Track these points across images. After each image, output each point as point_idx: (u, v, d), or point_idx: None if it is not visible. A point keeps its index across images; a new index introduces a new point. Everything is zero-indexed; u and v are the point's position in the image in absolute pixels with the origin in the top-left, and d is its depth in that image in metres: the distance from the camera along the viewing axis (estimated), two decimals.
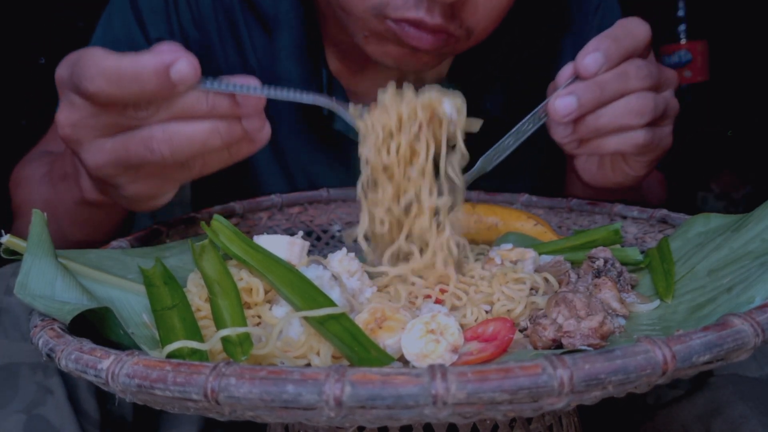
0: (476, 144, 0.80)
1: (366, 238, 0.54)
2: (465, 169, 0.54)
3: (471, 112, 0.77)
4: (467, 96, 0.78)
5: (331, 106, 0.52)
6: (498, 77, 0.80)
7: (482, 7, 0.61)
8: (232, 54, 0.80)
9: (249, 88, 0.46)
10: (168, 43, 0.46)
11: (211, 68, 0.79)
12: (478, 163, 0.57)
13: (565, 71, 0.56)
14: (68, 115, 0.47)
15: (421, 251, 0.53)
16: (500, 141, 0.57)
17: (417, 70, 0.69)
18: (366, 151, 0.51)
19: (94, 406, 0.55)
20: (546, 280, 0.53)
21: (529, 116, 0.56)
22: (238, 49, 0.79)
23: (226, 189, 0.80)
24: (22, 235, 0.46)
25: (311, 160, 0.84)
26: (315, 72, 0.77)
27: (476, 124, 0.54)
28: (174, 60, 0.43)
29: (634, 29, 0.56)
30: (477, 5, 0.60)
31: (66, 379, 0.53)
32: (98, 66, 0.43)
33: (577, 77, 0.54)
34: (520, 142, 0.57)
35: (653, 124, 0.57)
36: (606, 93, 0.53)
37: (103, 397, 0.55)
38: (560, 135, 0.55)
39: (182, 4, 0.79)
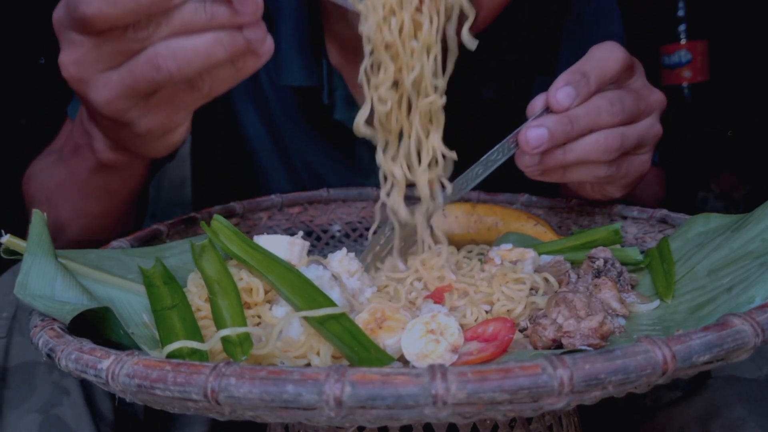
0: (471, 132, 0.80)
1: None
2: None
3: (467, 98, 0.78)
4: (463, 82, 0.78)
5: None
6: (493, 63, 0.80)
7: None
8: None
9: None
10: None
11: None
12: (448, 189, 0.56)
13: (537, 102, 0.56)
14: (70, 53, 0.46)
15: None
16: (470, 169, 0.57)
17: None
18: (367, 28, 0.49)
19: (109, 406, 0.55)
20: (546, 280, 0.53)
21: (498, 146, 0.57)
22: None
23: (228, 188, 0.80)
24: None
25: (313, 152, 0.84)
26: (316, 63, 0.77)
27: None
28: None
29: (606, 59, 0.56)
30: None
31: (82, 379, 0.53)
32: None
33: (547, 109, 0.55)
34: (489, 172, 0.57)
35: (622, 155, 0.57)
36: (576, 128, 0.54)
37: (116, 397, 0.55)
38: (525, 164, 0.56)
39: None
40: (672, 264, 0.53)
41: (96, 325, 0.42)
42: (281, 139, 0.84)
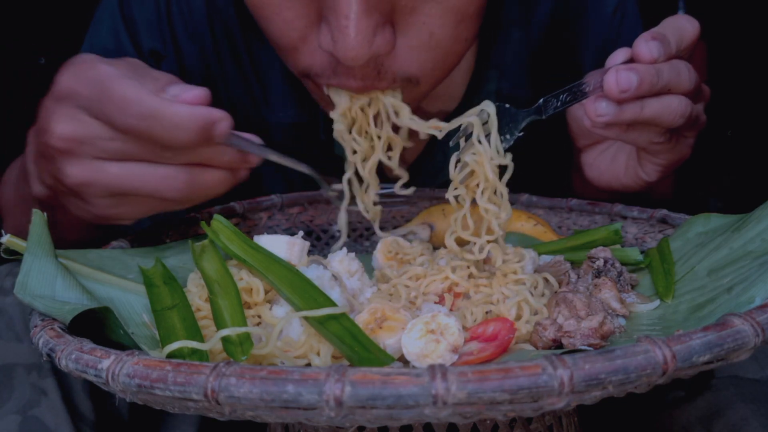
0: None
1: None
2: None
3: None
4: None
5: (314, 176, 0.59)
6: (518, 96, 0.78)
7: (416, 56, 0.58)
8: (228, 65, 0.79)
9: (256, 148, 0.52)
10: (198, 90, 0.48)
11: (207, 79, 0.78)
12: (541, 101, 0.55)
13: (618, 54, 0.55)
14: (72, 129, 0.47)
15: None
16: (553, 94, 0.56)
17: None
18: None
19: (89, 407, 0.55)
20: (546, 280, 0.53)
21: (568, 87, 0.55)
22: (235, 59, 0.79)
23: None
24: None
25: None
26: (309, 98, 0.74)
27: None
28: (220, 117, 0.46)
29: (684, 27, 0.55)
30: (409, 58, 0.57)
31: (61, 380, 0.53)
32: (142, 108, 0.44)
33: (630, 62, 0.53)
34: (577, 101, 0.55)
35: (680, 130, 0.57)
36: (660, 82, 0.52)
37: (98, 397, 0.55)
38: (600, 111, 0.53)
39: (176, 17, 0.78)
40: (672, 264, 0.53)
41: (96, 325, 0.42)
42: (284, 171, 0.83)
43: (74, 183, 0.48)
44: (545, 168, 0.89)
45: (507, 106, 0.56)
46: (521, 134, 0.56)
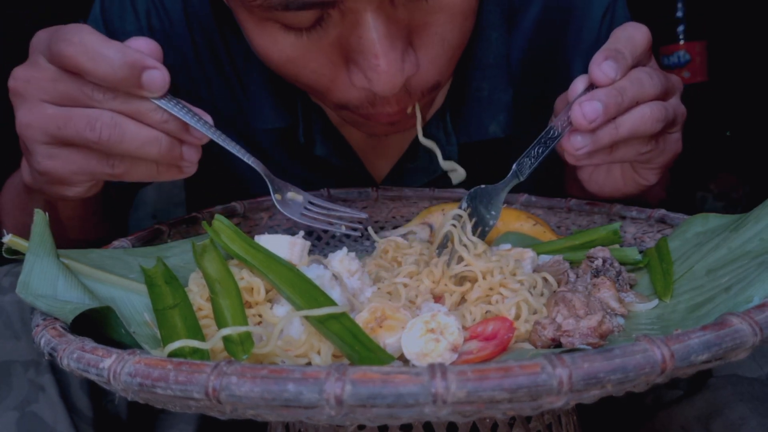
0: (484, 166, 0.80)
1: None
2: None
3: (474, 137, 0.77)
4: (469, 121, 0.78)
5: (265, 174, 0.57)
6: (499, 98, 0.79)
7: (437, 65, 0.60)
8: (211, 72, 0.79)
9: (201, 123, 0.50)
10: (145, 40, 0.49)
11: (187, 83, 0.79)
12: (513, 167, 0.57)
13: (578, 84, 0.55)
14: (26, 71, 0.49)
15: None
16: (530, 146, 0.57)
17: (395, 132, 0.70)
18: None
19: (87, 403, 0.55)
20: (545, 279, 0.53)
21: (546, 129, 0.56)
22: (217, 67, 0.79)
23: (218, 190, 0.80)
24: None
25: (301, 178, 0.83)
26: (288, 102, 0.76)
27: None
28: (151, 66, 0.47)
29: (634, 36, 0.55)
30: (431, 70, 0.60)
31: (58, 376, 0.54)
32: (82, 37, 0.46)
33: (590, 88, 0.54)
34: (549, 151, 0.56)
35: (661, 132, 0.57)
36: (626, 99, 0.53)
37: (96, 395, 0.56)
38: (577, 145, 0.54)
39: (157, 30, 0.78)
40: (671, 264, 0.53)
41: (98, 325, 0.42)
42: (269, 166, 0.83)
43: (20, 123, 0.50)
44: (544, 168, 0.89)
45: (483, 186, 0.58)
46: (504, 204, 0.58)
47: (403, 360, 0.42)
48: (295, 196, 0.59)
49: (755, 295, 0.42)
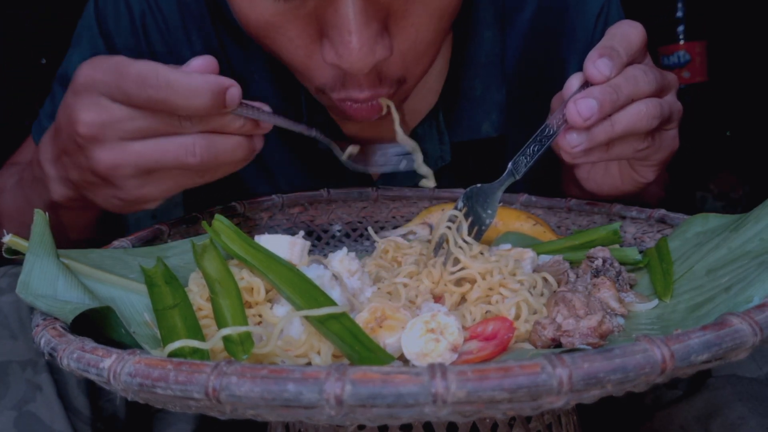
0: (477, 165, 0.79)
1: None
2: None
3: (467, 136, 0.77)
4: (461, 121, 0.78)
5: (323, 140, 0.60)
6: (492, 97, 0.79)
7: (406, 58, 0.60)
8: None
9: (267, 115, 0.54)
10: (204, 58, 0.51)
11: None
12: (509, 165, 0.57)
13: (572, 82, 0.55)
14: (94, 115, 0.49)
15: None
16: (525, 144, 0.56)
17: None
18: None
19: (84, 402, 0.55)
20: (545, 279, 0.53)
21: (548, 120, 0.55)
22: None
23: (218, 190, 0.80)
24: None
25: (301, 178, 0.83)
26: (292, 95, 0.76)
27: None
28: (230, 83, 0.49)
29: (629, 34, 0.55)
30: (401, 60, 0.60)
31: (56, 376, 0.54)
32: (164, 77, 0.47)
33: (585, 85, 0.54)
34: (544, 149, 0.56)
35: (657, 128, 0.57)
36: (621, 96, 0.53)
37: (94, 394, 0.56)
38: (572, 143, 0.54)
39: (149, 22, 0.79)
40: (671, 263, 0.53)
41: (98, 325, 0.42)
42: (266, 165, 0.83)
43: (105, 167, 0.50)
44: (542, 168, 0.89)
45: (479, 185, 0.58)
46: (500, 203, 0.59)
47: (403, 360, 0.42)
48: (354, 148, 0.65)
49: (755, 295, 0.42)
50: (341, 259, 0.51)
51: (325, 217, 0.73)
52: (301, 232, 0.53)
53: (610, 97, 0.52)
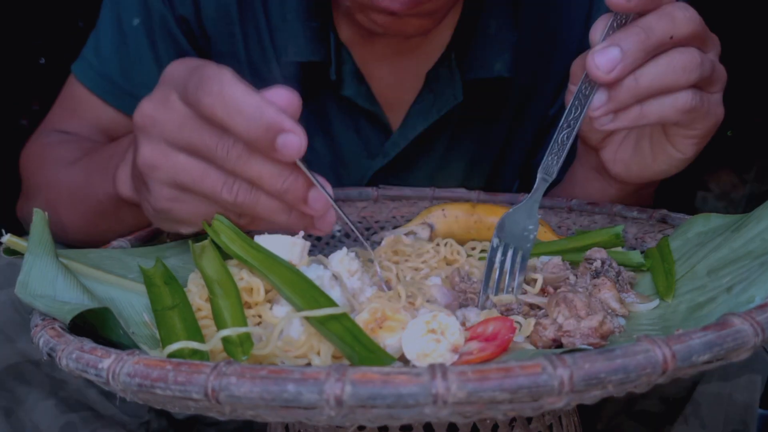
0: (491, 106, 0.80)
1: None
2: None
3: (480, 74, 0.78)
4: (474, 60, 0.78)
5: (356, 235, 0.54)
6: (504, 37, 0.79)
7: None
8: (248, 22, 0.80)
9: (320, 189, 0.47)
10: (287, 91, 0.45)
11: (228, 35, 0.81)
12: (539, 171, 0.51)
13: (597, 26, 0.48)
14: (154, 107, 0.46)
15: None
16: (552, 139, 0.50)
17: (412, 35, 0.69)
18: None
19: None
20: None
21: (572, 100, 0.49)
22: (252, 15, 0.80)
23: None
24: (31, 216, 0.46)
25: (319, 133, 0.84)
26: (323, 38, 0.77)
27: None
28: (288, 129, 0.42)
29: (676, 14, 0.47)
30: None
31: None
32: (222, 87, 0.42)
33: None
34: (576, 132, 0.49)
35: (701, 87, 0.50)
36: (652, 38, 0.45)
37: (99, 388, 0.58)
38: (594, 105, 0.47)
39: None
40: (672, 264, 0.53)
41: (96, 325, 0.42)
42: None
43: (144, 162, 0.47)
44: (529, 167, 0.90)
45: (510, 211, 0.53)
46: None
47: (404, 360, 0.42)
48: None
49: (757, 296, 0.42)
50: (341, 259, 0.51)
51: None
52: (301, 232, 0.53)
53: (637, 39, 0.45)
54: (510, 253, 0.53)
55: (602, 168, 0.64)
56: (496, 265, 0.52)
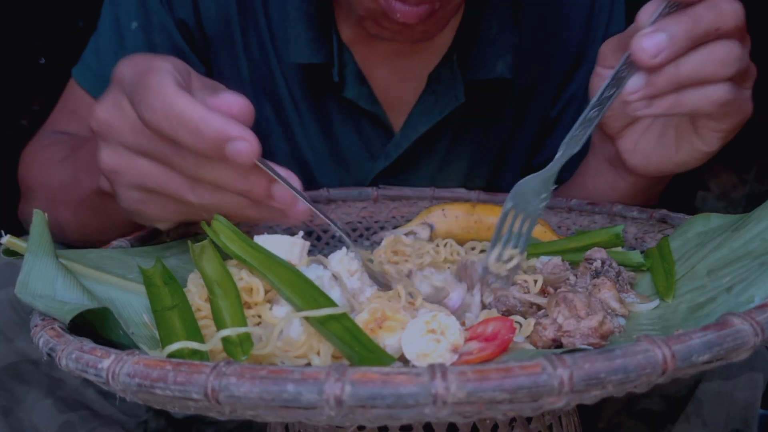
0: (492, 107, 0.79)
1: None
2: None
3: (482, 74, 0.78)
4: (475, 61, 0.79)
5: (341, 233, 0.54)
6: (505, 38, 0.79)
7: None
8: (248, 23, 0.80)
9: (291, 186, 0.47)
10: (243, 103, 0.44)
11: (227, 40, 0.81)
12: (563, 145, 0.49)
13: (646, 11, 0.47)
14: (107, 112, 0.46)
15: None
16: (581, 116, 0.49)
17: (419, 40, 0.70)
18: None
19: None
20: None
21: (609, 80, 0.48)
22: (253, 16, 0.80)
23: None
24: (31, 217, 0.46)
25: (321, 134, 0.84)
26: (325, 39, 0.77)
27: None
28: (236, 136, 0.42)
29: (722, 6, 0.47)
30: None
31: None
32: (164, 101, 0.42)
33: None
34: (605, 111, 0.48)
35: (736, 81, 0.50)
36: (700, 26, 0.45)
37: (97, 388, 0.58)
38: (631, 88, 0.46)
39: None
40: (672, 264, 0.53)
41: (96, 326, 0.42)
42: (288, 124, 0.84)
43: (106, 168, 0.48)
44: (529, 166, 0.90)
45: (527, 178, 0.51)
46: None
47: (404, 360, 0.42)
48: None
49: (757, 296, 0.42)
50: (341, 260, 0.51)
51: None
52: (301, 232, 0.53)
53: (685, 27, 0.45)
54: (521, 217, 0.52)
55: (616, 160, 0.63)
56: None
